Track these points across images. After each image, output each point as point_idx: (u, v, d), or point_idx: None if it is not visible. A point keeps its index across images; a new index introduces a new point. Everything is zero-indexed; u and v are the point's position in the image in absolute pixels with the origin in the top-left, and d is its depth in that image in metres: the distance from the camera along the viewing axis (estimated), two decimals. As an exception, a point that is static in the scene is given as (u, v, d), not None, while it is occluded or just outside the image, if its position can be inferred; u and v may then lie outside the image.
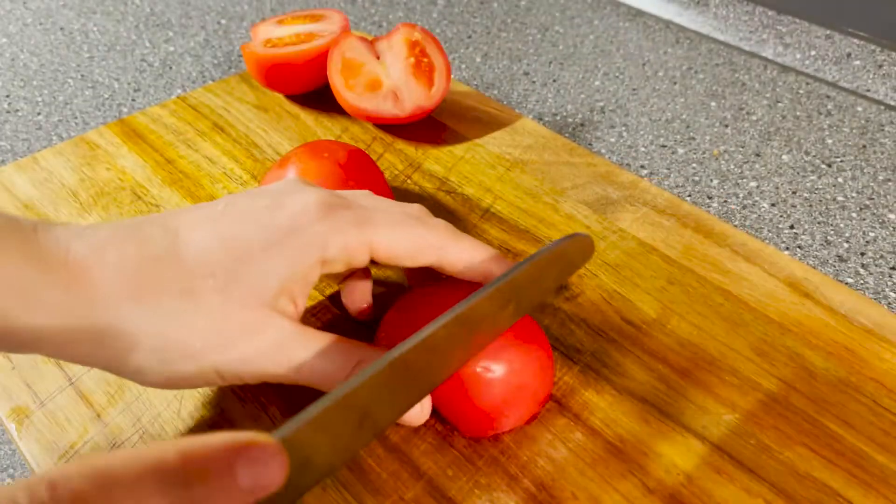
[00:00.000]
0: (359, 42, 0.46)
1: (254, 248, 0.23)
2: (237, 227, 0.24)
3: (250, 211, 0.24)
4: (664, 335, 0.33)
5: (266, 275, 0.23)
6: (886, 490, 0.27)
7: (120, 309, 0.21)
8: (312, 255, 0.24)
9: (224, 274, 0.23)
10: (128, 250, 0.22)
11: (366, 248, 0.25)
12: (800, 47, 0.66)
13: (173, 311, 0.22)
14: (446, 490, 0.27)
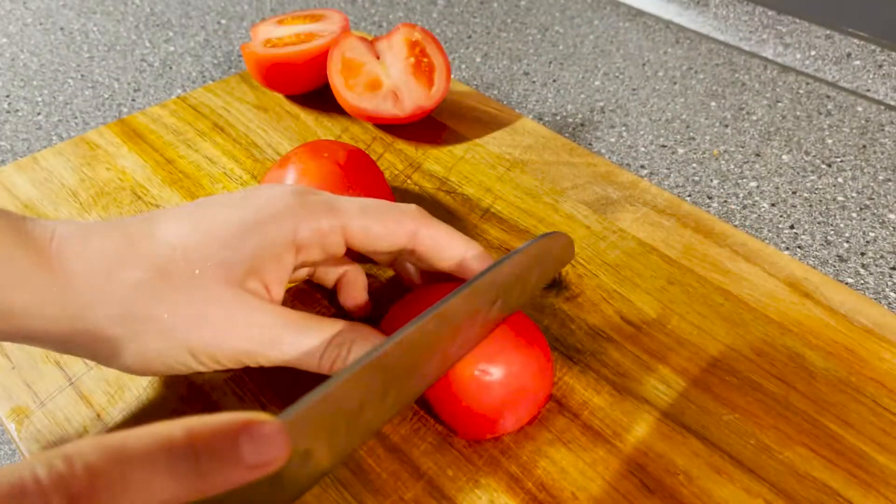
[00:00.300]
0: (359, 42, 0.46)
1: (227, 230, 0.24)
2: (211, 214, 0.24)
3: (226, 201, 0.25)
4: (664, 335, 0.33)
5: (236, 254, 0.24)
6: (886, 490, 0.27)
7: (97, 287, 0.22)
8: (284, 236, 0.24)
9: (196, 253, 0.23)
10: (110, 236, 0.23)
11: (339, 233, 0.25)
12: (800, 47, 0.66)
13: (145, 287, 0.23)
14: (446, 490, 0.27)
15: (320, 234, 0.25)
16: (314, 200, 0.25)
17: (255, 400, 0.30)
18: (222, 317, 0.23)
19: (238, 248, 0.24)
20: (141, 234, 0.24)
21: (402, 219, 0.26)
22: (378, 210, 0.26)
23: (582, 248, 0.38)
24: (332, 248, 0.26)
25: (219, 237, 0.24)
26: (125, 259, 0.23)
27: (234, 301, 0.23)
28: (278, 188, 0.26)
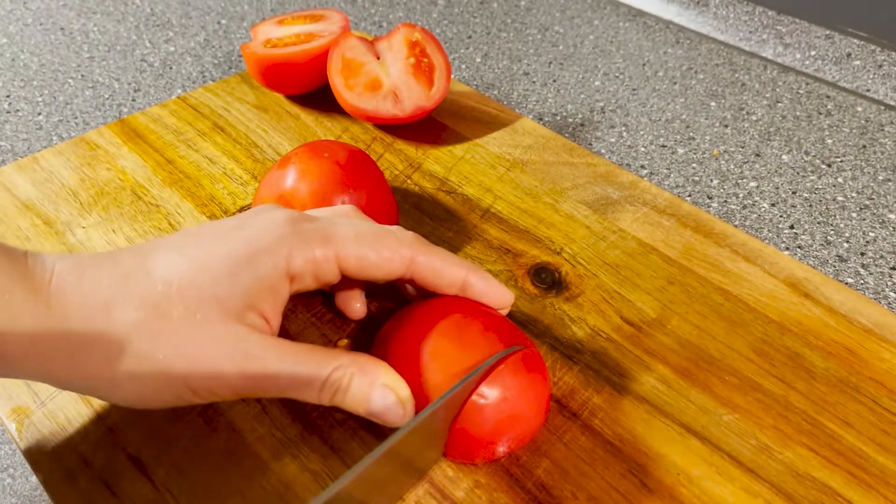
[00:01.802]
0: (359, 42, 0.46)
1: (219, 263, 0.24)
2: (204, 246, 0.24)
3: (218, 232, 0.25)
4: (664, 335, 0.33)
5: (232, 288, 0.24)
6: (886, 490, 0.27)
7: (93, 323, 0.22)
8: (278, 267, 0.24)
9: (191, 290, 0.23)
10: (103, 269, 0.23)
11: (332, 261, 0.25)
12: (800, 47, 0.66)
13: (142, 327, 0.23)
14: (446, 490, 0.27)
15: (314, 264, 0.25)
16: (307, 229, 0.25)
17: (257, 401, 0.30)
18: (220, 353, 0.23)
19: (232, 283, 0.24)
20: (134, 269, 0.24)
21: (398, 247, 0.26)
22: (374, 238, 0.26)
23: (582, 248, 0.38)
24: (327, 277, 0.26)
25: (212, 273, 0.24)
26: (120, 297, 0.23)
27: (231, 337, 0.23)
28: (270, 216, 0.26)
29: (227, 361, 0.23)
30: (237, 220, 0.26)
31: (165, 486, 0.27)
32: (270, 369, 0.23)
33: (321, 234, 0.25)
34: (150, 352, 0.23)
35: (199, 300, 0.23)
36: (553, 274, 0.36)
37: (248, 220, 0.26)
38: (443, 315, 0.28)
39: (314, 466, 0.28)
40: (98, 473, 0.27)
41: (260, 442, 0.28)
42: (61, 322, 0.22)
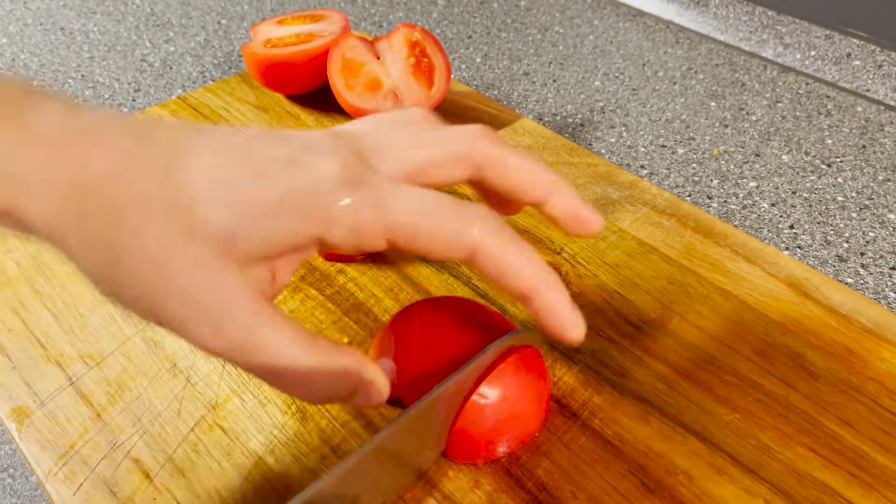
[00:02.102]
0: (359, 42, 0.46)
1: (248, 200, 0.20)
2: (242, 171, 0.21)
3: (263, 158, 0.21)
4: (664, 335, 0.33)
5: (250, 234, 0.20)
6: (887, 490, 0.27)
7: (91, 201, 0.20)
8: (309, 230, 0.21)
9: (203, 213, 0.20)
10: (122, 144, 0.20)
11: (380, 235, 0.22)
12: (800, 47, 0.66)
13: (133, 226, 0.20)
14: (446, 490, 0.27)
15: (355, 235, 0.21)
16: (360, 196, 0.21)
17: (254, 399, 0.30)
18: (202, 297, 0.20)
19: (252, 231, 0.20)
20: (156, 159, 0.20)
21: (463, 232, 0.22)
22: (438, 218, 0.22)
23: (582, 248, 0.38)
24: (367, 247, 0.22)
25: (235, 207, 0.20)
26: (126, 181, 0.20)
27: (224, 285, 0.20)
28: (325, 162, 0.21)
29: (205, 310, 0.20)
30: (288, 148, 0.22)
31: (165, 486, 0.27)
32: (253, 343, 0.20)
33: (375, 202, 0.21)
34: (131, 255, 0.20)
35: (205, 230, 0.20)
36: (553, 274, 0.36)
37: (299, 158, 0.21)
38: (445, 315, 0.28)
39: (314, 466, 0.28)
40: (98, 473, 0.27)
41: (260, 442, 0.28)
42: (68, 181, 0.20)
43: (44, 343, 0.33)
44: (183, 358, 0.32)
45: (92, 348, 0.32)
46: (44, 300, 0.35)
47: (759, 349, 0.33)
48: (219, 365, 0.32)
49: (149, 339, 0.33)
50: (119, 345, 0.33)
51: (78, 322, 0.34)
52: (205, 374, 0.31)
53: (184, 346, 0.32)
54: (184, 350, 0.32)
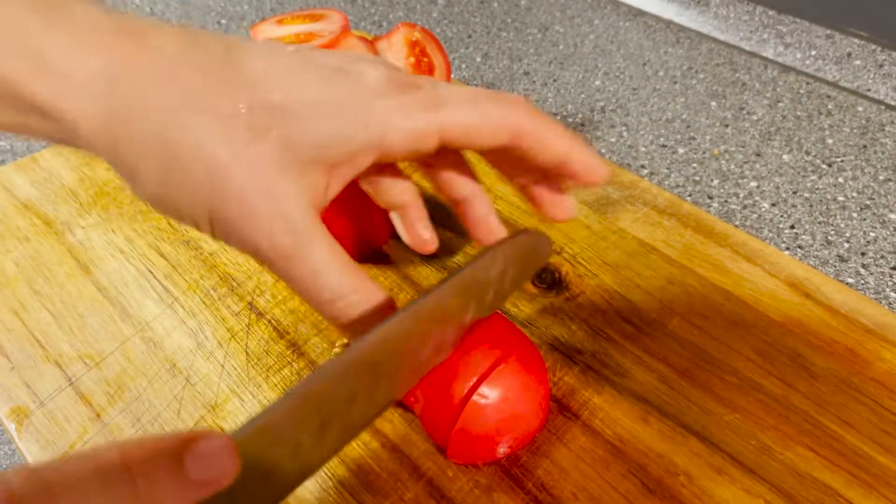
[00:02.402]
0: (359, 42, 0.46)
1: (307, 100, 0.20)
2: (301, 73, 0.21)
3: (319, 65, 0.21)
4: (664, 335, 0.33)
5: (308, 134, 0.20)
6: (887, 490, 0.27)
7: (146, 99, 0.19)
8: (368, 134, 0.21)
9: (264, 112, 0.20)
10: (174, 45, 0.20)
11: (435, 134, 0.22)
12: (800, 47, 0.66)
13: (194, 126, 0.19)
14: (446, 490, 0.27)
15: (414, 137, 0.22)
16: (413, 98, 0.22)
17: (253, 399, 0.30)
18: (260, 202, 0.20)
19: (313, 131, 0.20)
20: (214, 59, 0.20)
21: (509, 112, 0.23)
22: (480, 102, 0.23)
23: (582, 248, 0.38)
24: (424, 149, 0.22)
25: (296, 109, 0.20)
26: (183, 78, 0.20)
27: (281, 192, 0.20)
28: (376, 69, 0.22)
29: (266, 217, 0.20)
30: (340, 59, 0.22)
31: (165, 486, 0.27)
32: (300, 255, 0.21)
33: (427, 102, 0.22)
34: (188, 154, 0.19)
35: (269, 129, 0.20)
36: (553, 274, 0.36)
37: (352, 65, 0.22)
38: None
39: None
40: (97, 474, 0.27)
41: (259, 442, 0.28)
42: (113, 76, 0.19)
43: (43, 343, 0.33)
44: (182, 358, 0.32)
45: (91, 348, 0.32)
46: (43, 300, 0.35)
47: (759, 349, 0.32)
48: (218, 365, 0.32)
49: (148, 340, 0.33)
50: (118, 345, 0.33)
51: (77, 322, 0.34)
52: (204, 375, 0.31)
53: (183, 346, 0.32)
54: (183, 350, 0.32)
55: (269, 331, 0.33)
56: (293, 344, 0.33)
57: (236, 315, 0.34)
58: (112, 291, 0.35)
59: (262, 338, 0.33)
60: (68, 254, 0.37)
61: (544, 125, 0.24)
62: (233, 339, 0.33)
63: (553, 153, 0.24)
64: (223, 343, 0.33)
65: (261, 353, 0.32)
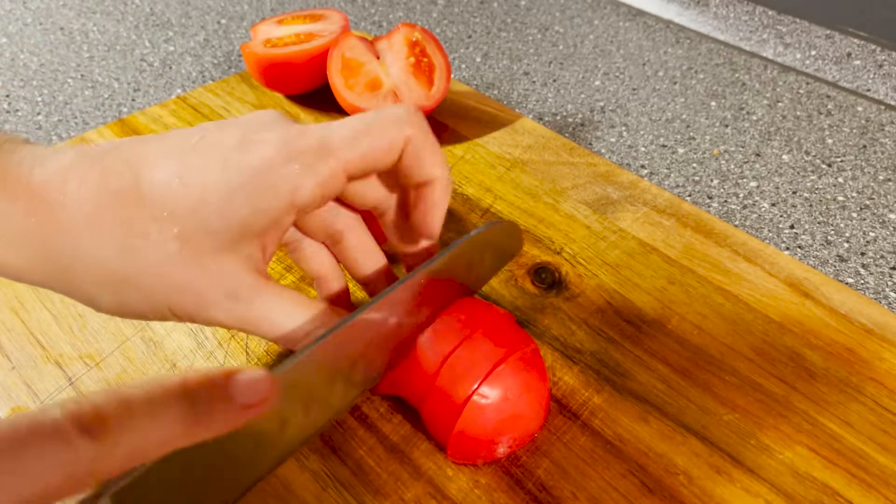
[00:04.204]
0: (359, 42, 0.46)
1: (217, 190, 0.22)
2: (201, 167, 0.22)
3: (218, 149, 0.23)
4: (664, 335, 0.33)
5: (227, 220, 0.22)
6: (887, 490, 0.27)
7: (77, 240, 0.22)
8: (281, 199, 0.23)
9: (183, 217, 0.22)
10: (89, 181, 0.22)
11: (340, 174, 0.24)
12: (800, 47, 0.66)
13: (130, 250, 0.22)
14: (446, 490, 0.27)
15: (322, 187, 0.23)
16: (307, 147, 0.23)
17: (254, 400, 0.30)
18: (207, 289, 0.23)
19: (231, 216, 0.22)
20: (125, 187, 0.22)
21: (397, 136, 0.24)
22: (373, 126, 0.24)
23: (582, 248, 0.38)
24: (335, 192, 0.24)
25: (210, 204, 0.22)
26: (108, 217, 0.22)
27: (221, 274, 0.23)
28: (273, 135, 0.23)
29: (213, 298, 0.23)
30: (239, 132, 0.23)
31: (165, 486, 0.27)
32: (252, 314, 0.23)
33: (321, 147, 0.23)
34: (135, 280, 0.22)
35: (193, 232, 0.22)
36: (553, 274, 0.36)
37: (249, 137, 0.23)
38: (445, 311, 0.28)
39: (314, 466, 0.28)
40: (97, 473, 0.27)
41: (260, 442, 0.28)
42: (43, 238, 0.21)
43: (43, 343, 0.33)
44: (182, 358, 0.32)
45: (91, 348, 0.32)
46: (43, 300, 0.35)
47: (759, 349, 0.33)
48: (218, 364, 0.32)
49: (148, 340, 0.33)
50: (118, 345, 0.33)
51: (77, 322, 0.34)
52: (204, 374, 0.31)
53: (183, 346, 0.32)
54: (183, 350, 0.32)
55: (270, 331, 0.33)
56: (293, 344, 0.33)
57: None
58: (112, 291, 0.35)
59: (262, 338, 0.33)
60: (68, 254, 0.37)
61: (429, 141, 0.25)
62: (233, 339, 0.33)
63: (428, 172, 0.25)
64: (223, 343, 0.33)
65: (261, 353, 0.32)
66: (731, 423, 0.29)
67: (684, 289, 0.36)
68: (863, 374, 0.32)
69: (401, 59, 0.45)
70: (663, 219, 0.40)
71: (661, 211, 0.40)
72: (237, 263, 0.23)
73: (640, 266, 0.37)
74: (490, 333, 0.27)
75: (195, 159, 0.23)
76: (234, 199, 0.22)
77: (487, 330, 0.27)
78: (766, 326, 0.34)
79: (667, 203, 0.41)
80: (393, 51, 0.45)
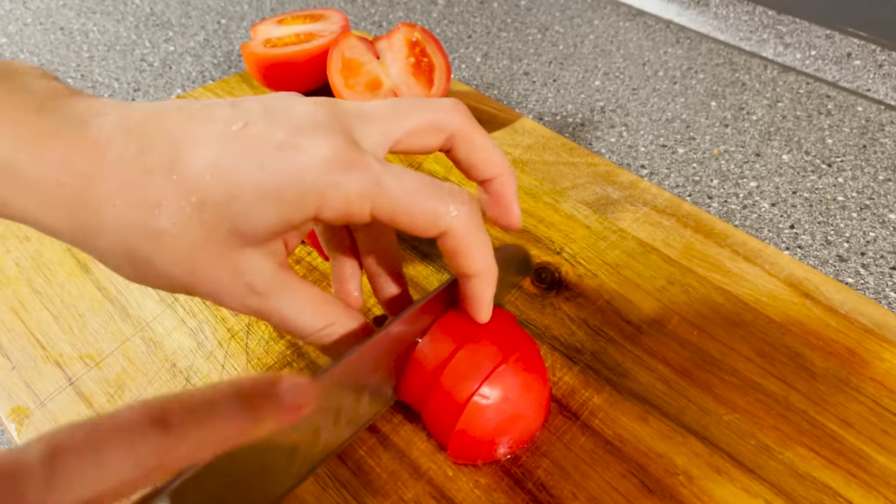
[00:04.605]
0: (359, 42, 0.46)
1: (249, 191, 0.22)
2: (238, 162, 0.22)
3: (259, 144, 0.23)
4: (664, 335, 0.33)
5: (254, 223, 0.22)
6: (887, 490, 0.27)
7: (106, 211, 0.22)
8: (308, 210, 0.23)
9: (212, 209, 0.22)
10: (128, 153, 0.22)
11: (367, 212, 0.24)
12: (800, 47, 0.66)
13: (154, 234, 0.22)
14: (446, 490, 0.27)
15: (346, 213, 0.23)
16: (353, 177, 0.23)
17: (254, 400, 0.30)
18: (227, 280, 0.23)
19: (256, 215, 0.22)
20: (159, 164, 0.22)
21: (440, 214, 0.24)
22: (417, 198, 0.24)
23: (582, 248, 0.38)
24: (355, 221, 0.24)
25: (238, 199, 0.22)
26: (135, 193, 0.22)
27: (242, 266, 0.23)
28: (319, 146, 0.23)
29: (231, 289, 0.23)
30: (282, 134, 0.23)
31: (165, 486, 0.27)
32: (269, 307, 0.24)
33: (364, 183, 0.23)
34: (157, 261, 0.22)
35: (219, 225, 0.22)
36: (553, 274, 0.36)
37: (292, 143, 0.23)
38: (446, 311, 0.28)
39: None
40: (98, 473, 0.27)
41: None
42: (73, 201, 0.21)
43: (43, 343, 0.33)
44: (182, 358, 0.32)
45: (91, 348, 0.32)
46: (43, 300, 0.35)
47: (758, 349, 0.33)
48: (218, 365, 0.32)
49: (148, 340, 0.33)
50: (118, 345, 0.33)
51: (77, 322, 0.34)
52: (204, 374, 0.31)
53: (183, 346, 0.32)
54: (183, 350, 0.32)
55: (269, 331, 0.33)
56: (293, 344, 0.33)
57: (236, 315, 0.34)
58: (112, 291, 0.35)
59: (262, 338, 0.33)
60: (68, 253, 0.37)
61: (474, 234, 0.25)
62: (233, 338, 0.33)
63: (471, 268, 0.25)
64: (223, 343, 0.33)
65: (261, 353, 0.32)
66: (731, 423, 0.29)
67: (684, 289, 0.36)
68: (863, 374, 0.32)
69: (401, 59, 0.45)
70: (663, 219, 0.40)
71: (661, 211, 0.40)
72: (259, 258, 0.24)
73: (640, 266, 0.37)
74: (491, 334, 0.27)
75: (234, 150, 0.22)
76: (265, 205, 0.22)
77: (489, 330, 0.27)
78: (766, 326, 0.34)
79: (667, 203, 0.41)
80: (393, 51, 0.45)
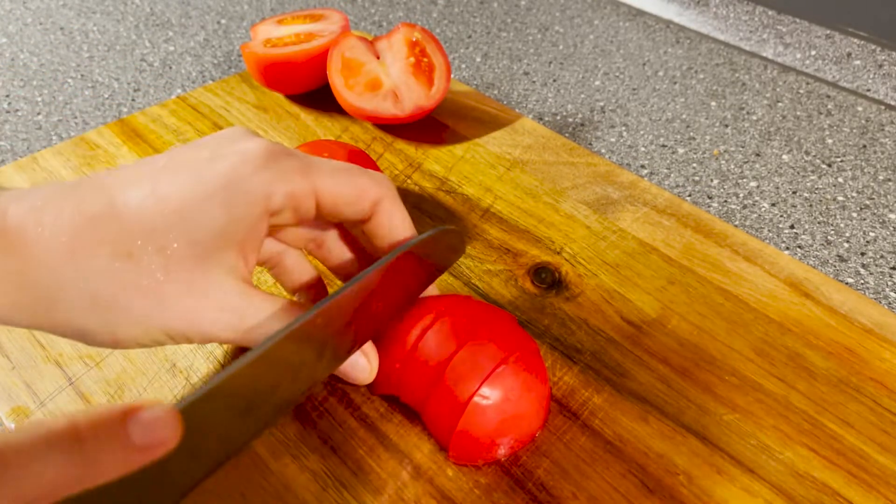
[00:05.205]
0: (359, 42, 0.46)
1: (193, 201, 0.22)
2: (175, 183, 0.23)
3: (189, 164, 0.23)
4: (664, 335, 0.33)
5: (205, 231, 0.22)
6: (887, 490, 0.27)
7: (58, 271, 0.21)
8: (257, 205, 0.23)
9: (163, 232, 0.22)
10: (64, 211, 0.21)
11: (311, 196, 0.24)
12: (800, 47, 0.66)
13: (113, 273, 0.21)
14: (446, 490, 0.27)
15: (293, 199, 0.24)
16: (285, 163, 0.24)
17: (254, 400, 0.30)
18: (197, 306, 0.22)
19: (207, 223, 0.22)
20: (101, 211, 0.22)
21: (371, 185, 0.26)
22: (349, 173, 0.26)
23: (582, 248, 0.38)
24: (305, 213, 0.25)
25: (187, 215, 0.22)
26: (87, 242, 0.21)
27: (209, 287, 0.23)
28: (245, 147, 0.24)
29: (204, 312, 0.23)
30: (209, 148, 0.24)
31: (165, 486, 0.27)
32: (243, 324, 0.23)
33: (300, 167, 0.24)
34: (123, 302, 0.22)
35: (174, 246, 0.22)
36: (553, 274, 0.36)
37: (220, 150, 0.24)
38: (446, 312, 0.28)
39: (313, 466, 0.28)
40: (97, 473, 0.27)
41: (259, 442, 0.28)
42: (23, 274, 0.21)
43: (43, 343, 0.33)
44: (182, 358, 0.32)
45: (91, 348, 0.32)
46: (43, 300, 0.35)
47: (758, 349, 0.33)
48: (218, 365, 0.32)
49: (148, 339, 0.33)
50: (119, 345, 0.33)
51: (77, 322, 0.34)
52: (204, 374, 0.31)
53: (183, 346, 0.32)
54: (183, 350, 0.32)
55: (270, 331, 0.33)
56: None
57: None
58: (112, 291, 0.35)
59: (263, 338, 0.33)
60: (68, 254, 0.37)
61: (399, 206, 0.27)
62: (233, 339, 0.33)
63: (397, 237, 0.27)
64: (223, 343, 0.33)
65: (261, 353, 0.32)
66: (731, 423, 0.29)
67: (684, 289, 0.36)
68: (863, 374, 0.32)
69: (401, 59, 0.45)
70: (663, 219, 0.40)
71: (661, 211, 0.40)
72: (222, 274, 0.23)
73: (640, 266, 0.37)
74: (492, 334, 0.27)
75: (168, 176, 0.23)
76: (211, 208, 0.22)
77: (489, 331, 0.27)
78: (766, 326, 0.34)
79: (667, 203, 0.41)
80: (393, 51, 0.45)
